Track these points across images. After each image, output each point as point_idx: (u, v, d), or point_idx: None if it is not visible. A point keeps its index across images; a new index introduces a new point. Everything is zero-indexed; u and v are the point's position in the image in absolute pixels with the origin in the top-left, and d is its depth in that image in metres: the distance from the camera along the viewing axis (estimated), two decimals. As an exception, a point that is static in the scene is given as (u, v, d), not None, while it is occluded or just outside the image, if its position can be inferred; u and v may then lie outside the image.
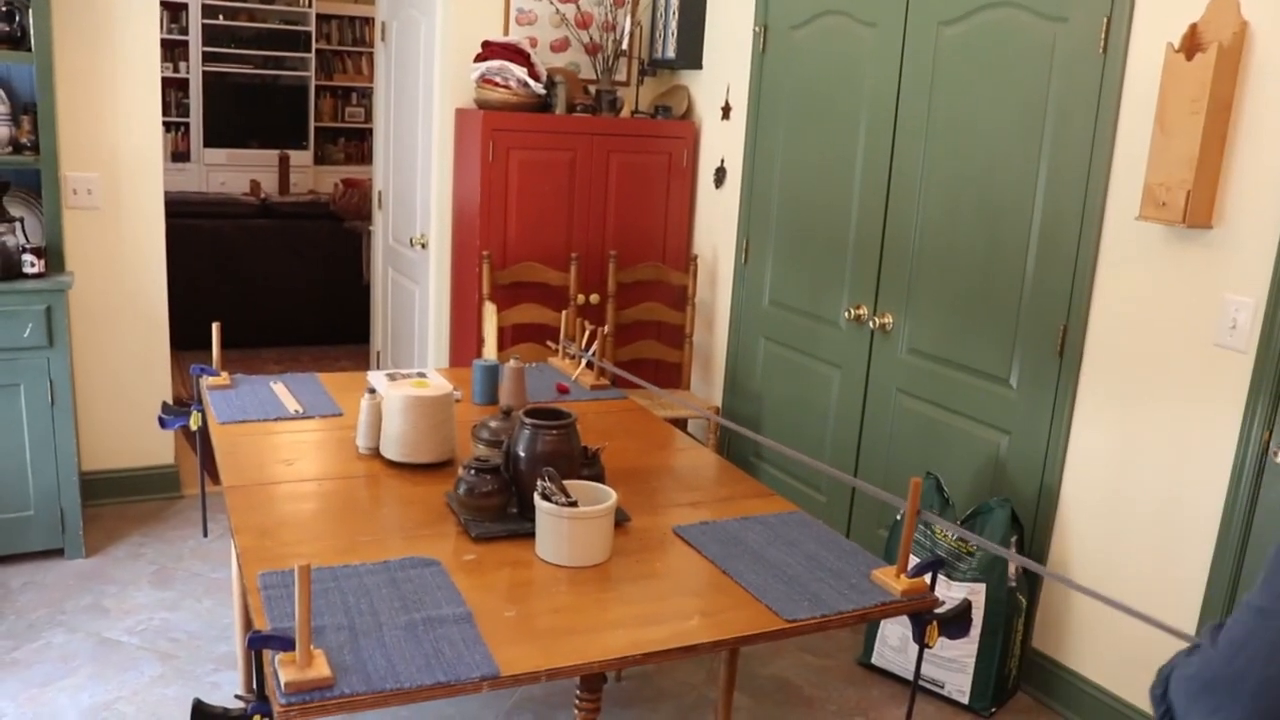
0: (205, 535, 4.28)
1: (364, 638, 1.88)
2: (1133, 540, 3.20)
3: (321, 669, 1.74)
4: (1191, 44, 2.90)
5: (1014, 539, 3.41)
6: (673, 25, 5.04)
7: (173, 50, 10.11)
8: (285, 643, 1.75)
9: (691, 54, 5.05)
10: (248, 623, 2.38)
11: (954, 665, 3.45)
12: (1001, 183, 3.54)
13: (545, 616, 2.04)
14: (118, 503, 4.56)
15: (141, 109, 4.35)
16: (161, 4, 4.54)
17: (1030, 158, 3.43)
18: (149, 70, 4.34)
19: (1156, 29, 3.05)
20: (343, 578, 2.09)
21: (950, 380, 3.79)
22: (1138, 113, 3.11)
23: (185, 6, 10.14)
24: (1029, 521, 3.51)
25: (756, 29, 4.66)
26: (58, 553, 4.04)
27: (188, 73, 10.29)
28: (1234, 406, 2.90)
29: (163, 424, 3.14)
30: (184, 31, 10.19)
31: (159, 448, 4.65)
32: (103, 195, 4.32)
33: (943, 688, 3.48)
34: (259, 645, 1.76)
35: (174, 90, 10.21)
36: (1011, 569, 3.40)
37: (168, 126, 10.11)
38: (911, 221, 3.90)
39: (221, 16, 10.36)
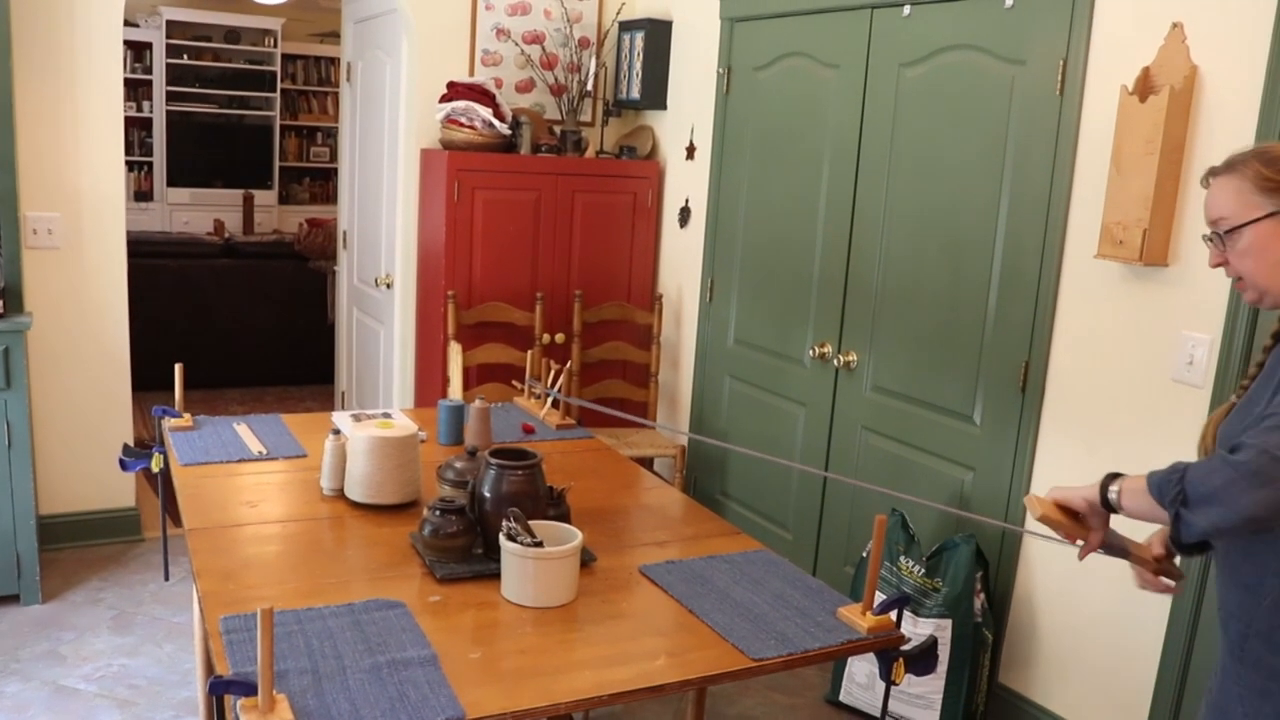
0: (167, 579, 4.22)
1: (328, 681, 1.86)
2: (1096, 574, 3.22)
3: (284, 714, 1.72)
4: (1145, 87, 2.96)
5: (979, 574, 3.43)
6: (637, 66, 5.09)
7: (136, 89, 10.09)
8: (247, 688, 1.73)
9: (656, 95, 5.10)
10: (209, 668, 2.35)
11: (921, 701, 3.44)
12: (963, 222, 3.59)
13: (511, 658, 2.02)
14: (77, 547, 4.49)
15: (104, 148, 4.33)
16: (125, 44, 4.53)
17: (991, 197, 3.48)
18: (111, 109, 4.33)
19: (1111, 72, 3.11)
20: (306, 621, 2.07)
21: (914, 417, 3.81)
22: (1094, 153, 3.17)
23: (149, 46, 10.13)
24: (994, 557, 3.52)
25: (720, 70, 4.71)
26: (13, 599, 3.97)
27: (151, 112, 10.26)
28: (1192, 441, 2.92)
29: (124, 466, 3.11)
30: (148, 71, 10.17)
31: (120, 490, 4.59)
32: (63, 235, 4.29)
33: (910, 725, 3.48)
34: (221, 690, 1.74)
35: (137, 129, 10.17)
36: (977, 605, 3.41)
37: (131, 166, 10.07)
38: (874, 260, 3.94)
39: (186, 56, 10.35)
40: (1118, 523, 1.94)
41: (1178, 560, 2.08)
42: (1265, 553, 1.77)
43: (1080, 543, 1.94)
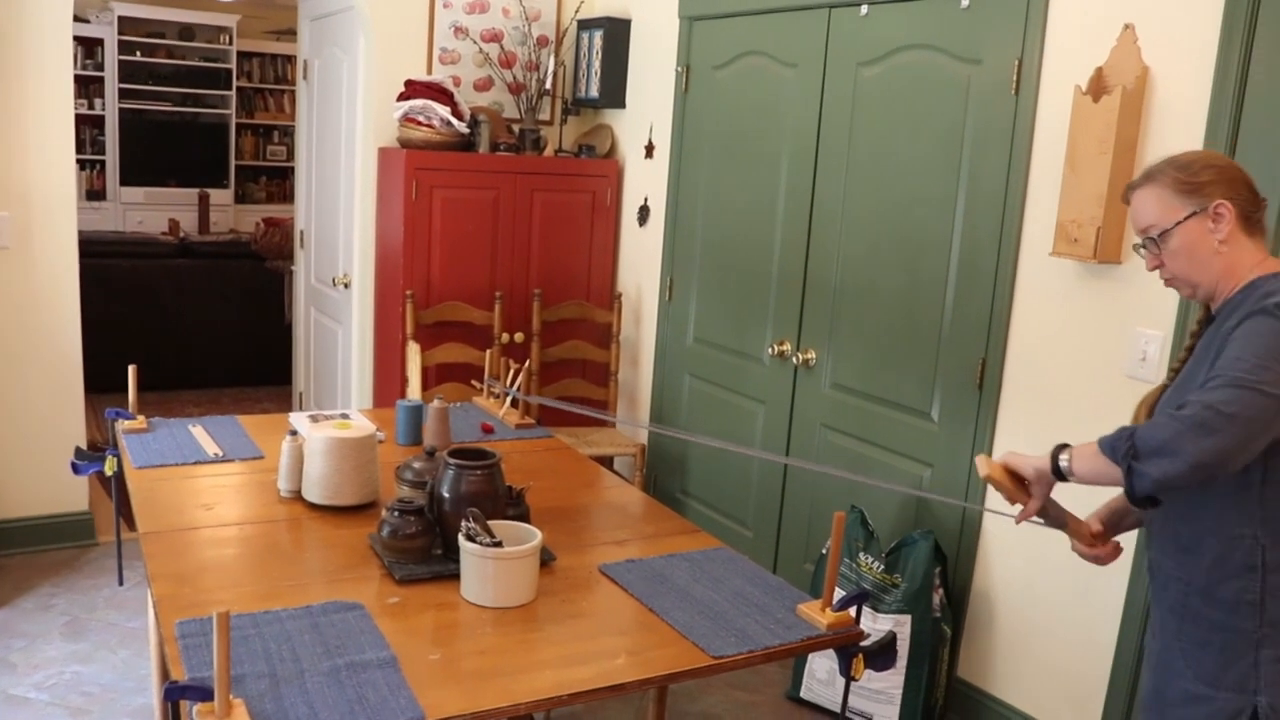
0: (121, 584, 4.16)
1: (285, 685, 1.84)
2: (1053, 568, 3.25)
3: (242, 719, 1.70)
4: (1098, 87, 3.00)
5: (937, 570, 3.45)
6: (596, 65, 5.09)
7: (88, 86, 9.94)
8: (203, 693, 1.71)
9: (615, 93, 5.09)
10: (165, 673, 2.32)
11: (881, 697, 3.47)
12: (920, 220, 3.61)
13: (471, 659, 2.01)
14: (28, 552, 4.42)
15: (54, 146, 4.26)
16: (76, 39, 4.47)
17: (948, 195, 3.51)
18: (62, 106, 4.26)
19: (1065, 72, 3.14)
20: (263, 624, 2.05)
21: (873, 414, 3.83)
22: (1049, 152, 3.20)
23: (101, 42, 9.99)
24: (952, 552, 3.55)
25: (679, 69, 4.72)
26: (-36, 604, 3.92)
27: (103, 109, 10.11)
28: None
29: (76, 470, 3.07)
30: (99, 68, 10.03)
31: (72, 494, 4.53)
32: (12, 235, 4.22)
33: (870, 721, 3.51)
34: (176, 696, 1.72)
35: (89, 127, 10.03)
36: (936, 600, 3.44)
37: (82, 164, 9.93)
38: (833, 258, 3.96)
39: (139, 53, 10.22)
40: (1070, 502, 1.98)
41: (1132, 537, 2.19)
42: (1202, 516, 1.93)
43: (1020, 507, 2.06)
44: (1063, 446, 1.97)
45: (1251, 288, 1.91)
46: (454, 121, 4.71)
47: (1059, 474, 1.97)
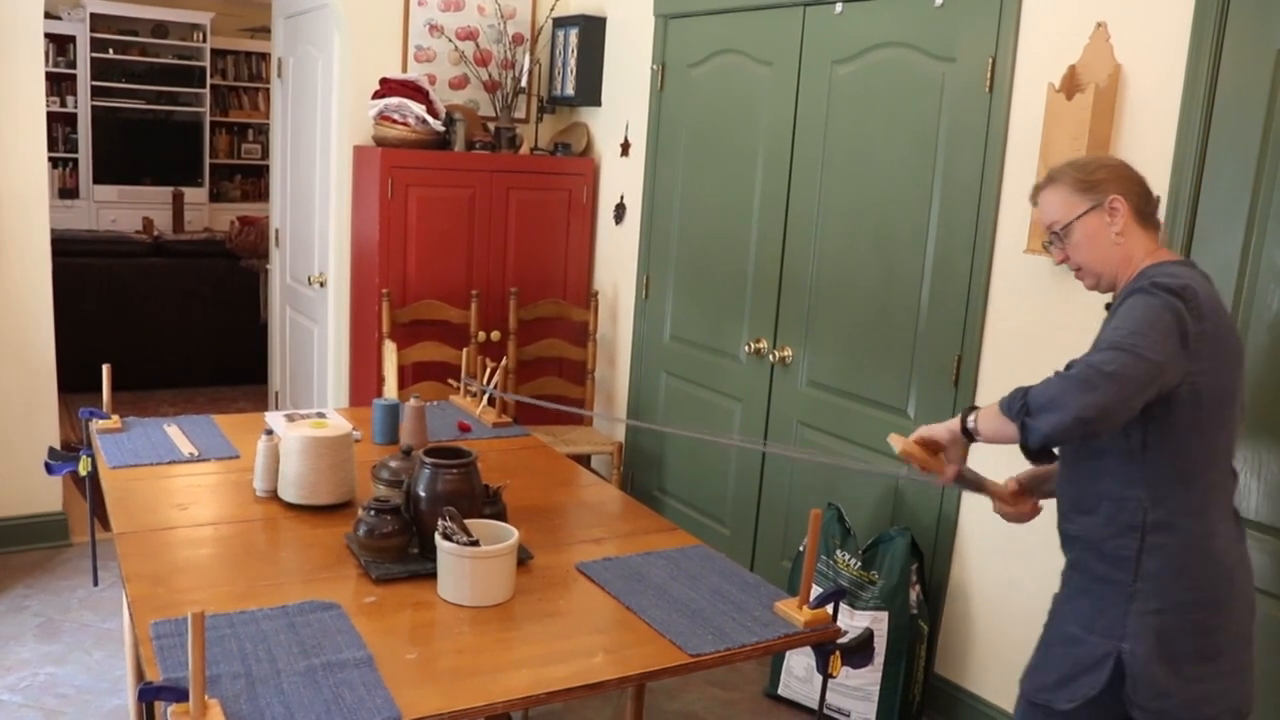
0: (95, 584, 4.13)
1: (261, 685, 1.83)
2: (1029, 564, 3.27)
3: (217, 719, 1.70)
4: (1071, 84, 3.02)
5: (914, 566, 3.47)
6: (571, 63, 5.08)
7: (60, 84, 9.86)
8: (179, 694, 1.70)
9: (590, 91, 5.09)
10: (140, 674, 2.31)
11: (859, 694, 3.48)
12: (896, 217, 3.63)
13: (448, 658, 2.01)
14: (1, 553, 4.38)
15: (25, 144, 4.23)
16: (47, 36, 4.44)
17: (923, 192, 3.53)
18: (33, 104, 4.22)
19: (1038, 70, 3.16)
20: (239, 624, 2.04)
21: (849, 412, 3.85)
22: (1023, 149, 3.22)
23: (73, 39, 9.90)
24: (929, 549, 3.57)
25: (654, 67, 4.72)
26: (-64, 606, 3.88)
27: (76, 107, 10.02)
28: (1119, 433, 3.00)
29: (49, 470, 3.04)
30: (72, 65, 9.94)
31: (46, 495, 4.50)
32: (-15, 234, 4.19)
33: (848, 716, 3.52)
34: (151, 697, 1.72)
35: (61, 125, 9.94)
36: (913, 597, 3.45)
37: (55, 162, 9.84)
38: (809, 256, 3.97)
39: (112, 50, 10.14)
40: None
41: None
42: (1097, 481, 2.14)
43: (937, 476, 2.26)
44: (971, 408, 2.17)
45: (1142, 275, 2.10)
46: (429, 120, 4.70)
47: (968, 434, 2.16)
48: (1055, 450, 2.15)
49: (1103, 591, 2.13)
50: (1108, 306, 2.18)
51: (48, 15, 4.46)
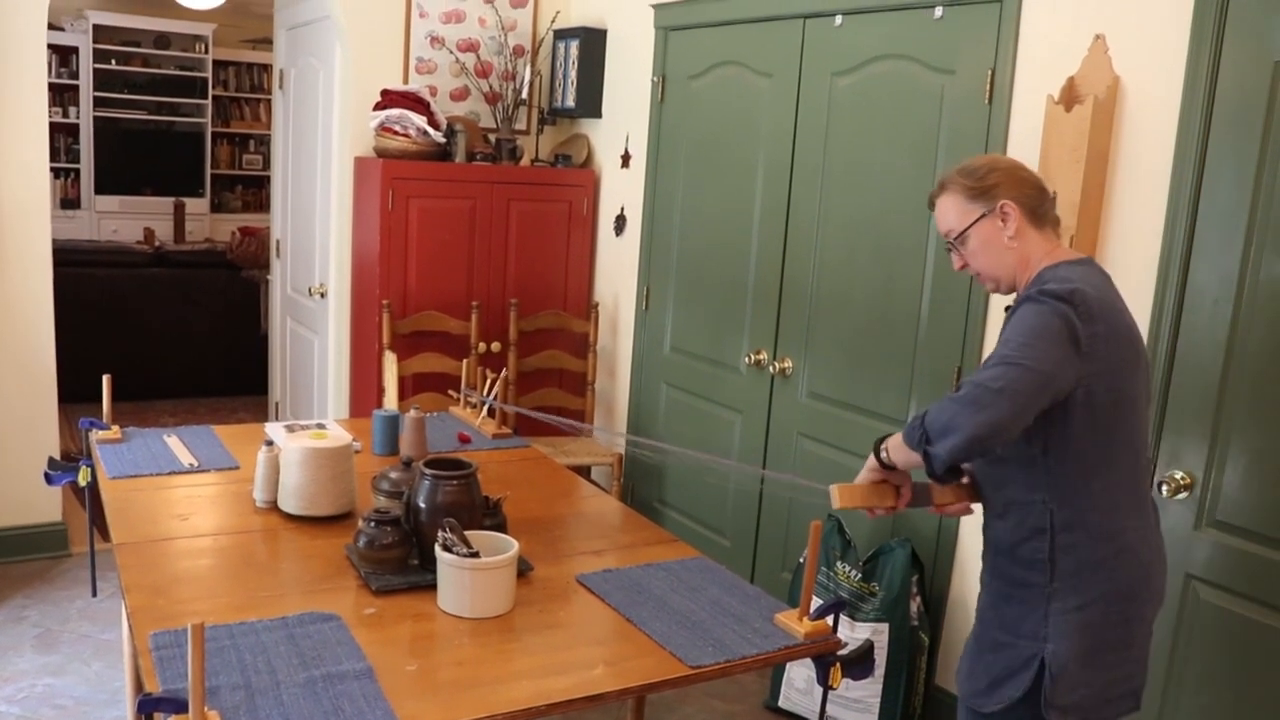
0: (94, 595, 4.13)
1: (261, 697, 1.83)
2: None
3: (216, 731, 1.70)
4: (1070, 96, 3.02)
5: (915, 578, 3.47)
6: (572, 75, 5.09)
7: (62, 95, 9.88)
8: (178, 705, 1.70)
9: (591, 103, 5.10)
10: (139, 685, 2.31)
11: (859, 705, 3.47)
12: (895, 227, 3.63)
13: (448, 669, 2.01)
14: (0, 563, 4.38)
15: (27, 154, 4.24)
16: (50, 48, 4.45)
17: (922, 204, 3.50)
18: (35, 114, 4.23)
19: (1037, 82, 3.17)
20: (239, 635, 2.04)
21: (850, 423, 3.85)
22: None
23: (75, 50, 9.93)
24: (929, 561, 3.57)
25: (655, 79, 4.73)
26: (-64, 617, 3.88)
27: (78, 118, 10.05)
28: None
29: (49, 480, 3.04)
30: (74, 76, 9.96)
31: (45, 505, 4.49)
32: (-14, 245, 4.20)
33: (848, 729, 3.51)
34: (150, 709, 1.71)
35: (63, 135, 9.96)
36: (913, 608, 3.45)
37: (56, 173, 9.85)
38: (809, 267, 3.98)
39: (114, 61, 10.16)
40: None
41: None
42: (1006, 486, 2.17)
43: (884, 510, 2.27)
44: (882, 439, 2.21)
45: (1038, 278, 2.13)
46: (430, 131, 4.71)
47: (883, 463, 2.19)
48: (965, 468, 2.20)
49: (1023, 596, 2.16)
50: (1007, 309, 2.21)
51: (50, 26, 4.47)
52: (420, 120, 4.69)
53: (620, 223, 5.04)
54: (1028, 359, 1.95)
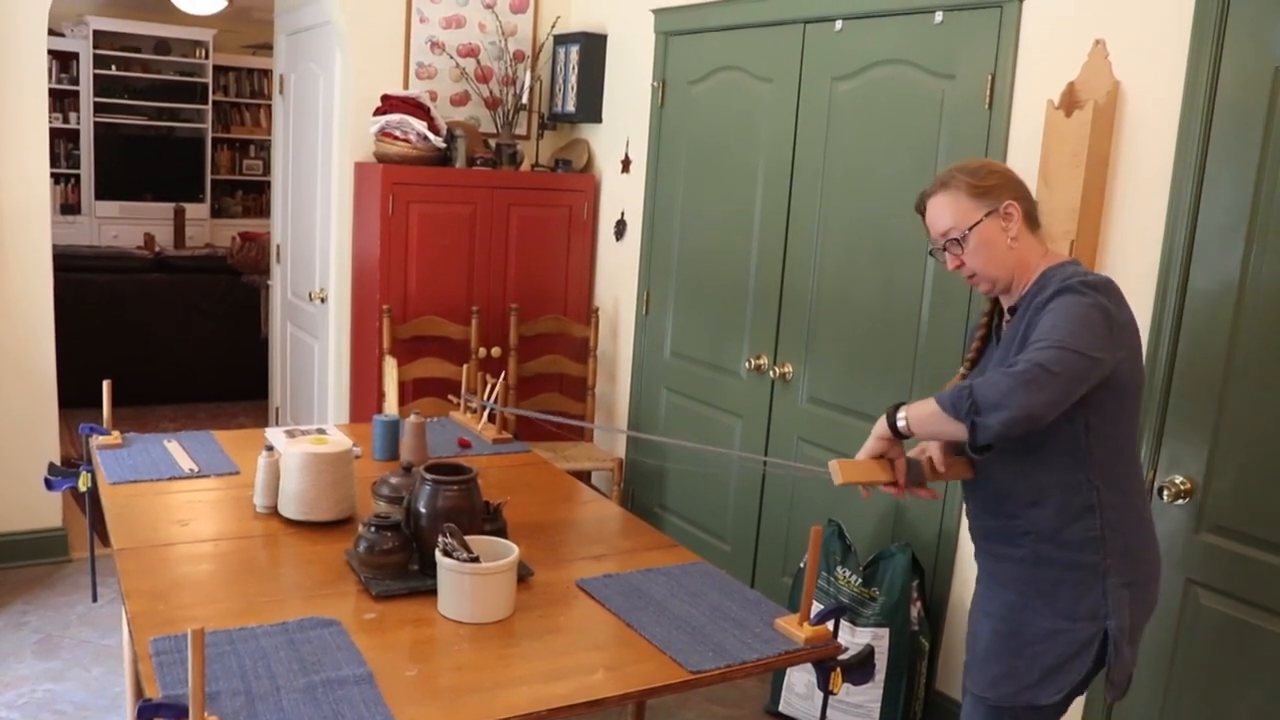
0: (95, 600, 4.13)
1: (261, 703, 1.83)
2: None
3: (216, 737, 1.70)
4: (1070, 101, 3.03)
5: (915, 583, 3.46)
6: (572, 80, 5.10)
7: (62, 100, 9.88)
8: (178, 711, 1.70)
9: (591, 108, 5.11)
10: (139, 691, 2.30)
11: (859, 710, 3.47)
12: (895, 233, 3.63)
13: (448, 675, 2.01)
14: (0, 569, 4.38)
15: (28, 160, 4.24)
16: (50, 53, 4.45)
17: (922, 210, 3.53)
18: (36, 120, 4.24)
19: (1037, 87, 3.17)
20: (239, 641, 2.04)
21: (850, 428, 3.84)
22: (1022, 165, 3.20)
23: (76, 56, 9.93)
24: (929, 566, 3.56)
25: (655, 84, 4.73)
26: (-65, 623, 3.87)
27: (78, 123, 10.05)
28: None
29: (49, 485, 3.04)
30: (74, 82, 9.97)
31: (45, 510, 4.49)
32: (-13, 250, 4.20)
33: (848, 734, 3.51)
34: (151, 714, 1.71)
35: (64, 141, 9.97)
36: (913, 613, 3.44)
37: (57, 178, 9.86)
38: (809, 272, 3.98)
39: (114, 67, 10.17)
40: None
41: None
42: (1041, 471, 2.16)
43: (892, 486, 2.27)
44: (898, 406, 2.19)
45: (1045, 278, 2.17)
46: (430, 136, 4.71)
47: (898, 433, 2.18)
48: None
49: (1077, 578, 2.17)
50: (989, 314, 2.33)
51: (51, 32, 4.48)
52: (420, 125, 4.69)
53: (620, 227, 5.05)
54: (1081, 345, 1.99)
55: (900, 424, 2.17)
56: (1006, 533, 2.25)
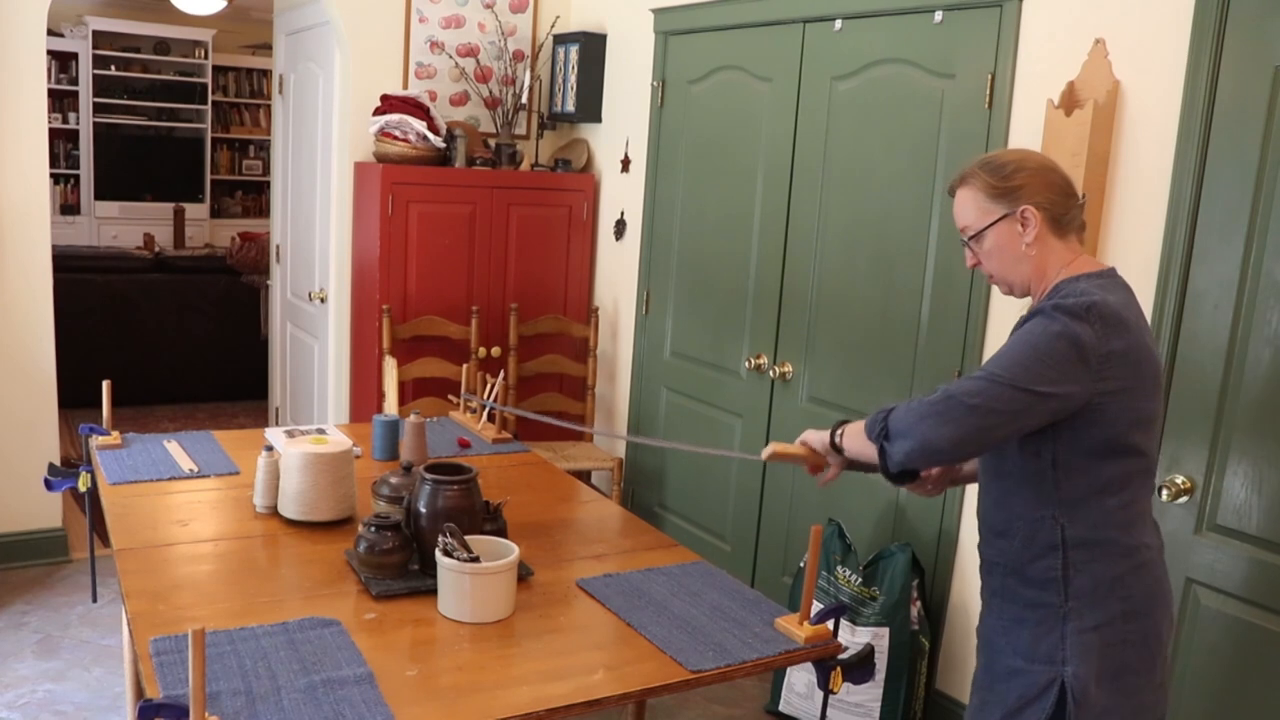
0: (95, 601, 4.13)
1: (261, 703, 1.83)
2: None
3: (216, 737, 1.70)
4: (1070, 101, 3.03)
5: (915, 582, 3.46)
6: (572, 79, 5.09)
7: (62, 101, 9.89)
8: (179, 711, 1.70)
9: (591, 108, 5.11)
10: (139, 691, 2.31)
11: (860, 710, 3.47)
12: (895, 231, 3.63)
13: (448, 675, 2.01)
14: (0, 569, 4.38)
15: (27, 160, 4.24)
16: (49, 54, 4.45)
17: (922, 206, 3.53)
18: (35, 120, 4.23)
19: (1037, 86, 3.17)
20: (239, 641, 2.04)
21: (850, 427, 3.84)
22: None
23: (75, 56, 9.94)
24: (929, 564, 3.56)
25: (655, 83, 4.73)
26: (-65, 623, 3.87)
27: (78, 123, 10.06)
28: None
29: (49, 486, 3.04)
30: (74, 82, 9.97)
31: (45, 511, 4.49)
32: (-14, 250, 4.20)
33: (849, 733, 3.51)
34: (151, 714, 1.71)
35: (63, 141, 9.97)
36: (914, 613, 3.44)
37: (56, 179, 9.86)
38: (809, 271, 3.98)
39: (114, 67, 10.17)
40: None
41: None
42: (1011, 503, 2.06)
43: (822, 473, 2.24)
44: (843, 422, 2.15)
45: (1055, 290, 2.02)
46: (430, 136, 4.71)
47: (836, 448, 2.14)
48: (919, 471, 2.12)
49: (1037, 617, 2.04)
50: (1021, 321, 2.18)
51: (50, 32, 4.48)
52: (420, 125, 4.69)
53: (620, 227, 5.05)
54: (1018, 379, 1.87)
55: (837, 438, 2.14)
56: (984, 559, 2.17)
